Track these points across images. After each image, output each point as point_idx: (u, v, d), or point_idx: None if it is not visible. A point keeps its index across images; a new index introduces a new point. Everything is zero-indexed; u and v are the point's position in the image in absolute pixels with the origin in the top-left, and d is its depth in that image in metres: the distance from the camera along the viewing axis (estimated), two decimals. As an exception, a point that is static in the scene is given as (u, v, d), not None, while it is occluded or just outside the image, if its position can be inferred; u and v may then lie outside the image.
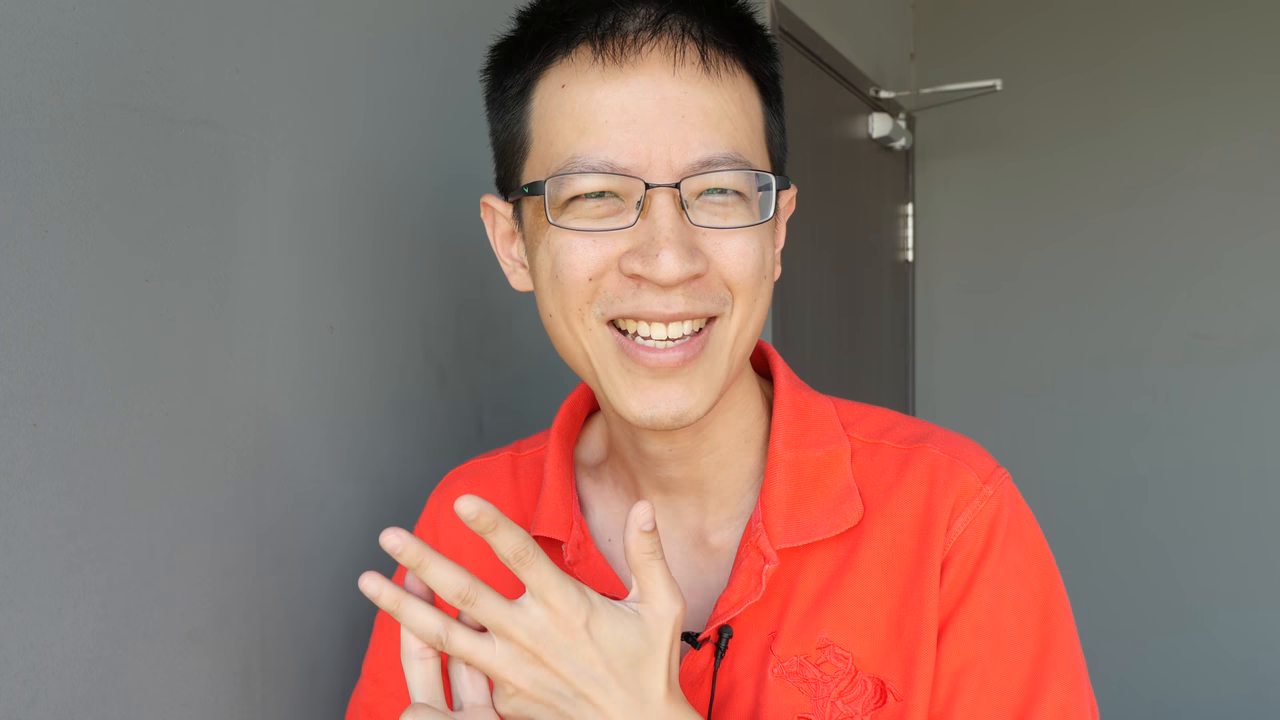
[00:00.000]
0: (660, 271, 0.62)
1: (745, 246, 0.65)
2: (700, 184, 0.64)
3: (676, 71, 0.64)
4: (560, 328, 0.68)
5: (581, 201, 0.64)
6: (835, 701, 0.69)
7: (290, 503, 0.88)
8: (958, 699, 0.67)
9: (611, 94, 0.64)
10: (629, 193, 0.64)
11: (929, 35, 2.87)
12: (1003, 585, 0.69)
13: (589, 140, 0.64)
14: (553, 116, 0.66)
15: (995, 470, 0.72)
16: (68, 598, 0.70)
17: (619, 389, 0.66)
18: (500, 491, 0.82)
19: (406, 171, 1.01)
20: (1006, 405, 2.80)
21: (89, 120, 0.71)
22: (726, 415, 0.74)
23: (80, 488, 0.70)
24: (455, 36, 1.08)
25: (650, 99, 0.64)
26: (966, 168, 2.84)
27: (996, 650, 0.68)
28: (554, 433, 0.80)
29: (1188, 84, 2.59)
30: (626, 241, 0.64)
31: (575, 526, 0.75)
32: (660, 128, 0.63)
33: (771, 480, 0.72)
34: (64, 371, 0.69)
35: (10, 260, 0.66)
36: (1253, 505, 2.55)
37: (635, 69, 0.64)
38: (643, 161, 0.63)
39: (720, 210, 0.65)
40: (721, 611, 0.70)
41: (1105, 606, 2.61)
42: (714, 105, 0.65)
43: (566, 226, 0.65)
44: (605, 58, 0.64)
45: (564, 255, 0.65)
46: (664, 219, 0.63)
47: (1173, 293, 2.62)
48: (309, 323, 0.90)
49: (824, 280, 2.25)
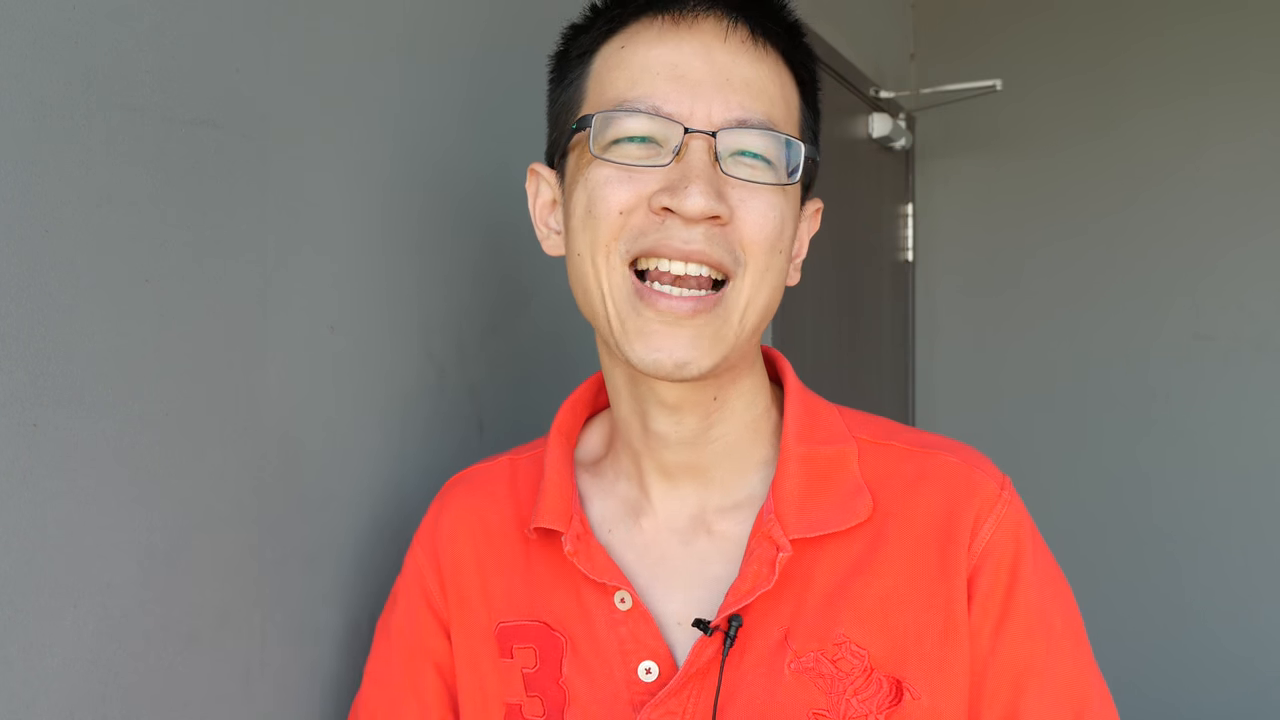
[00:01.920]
0: (687, 203, 0.66)
1: (767, 210, 0.70)
2: (735, 140, 0.69)
3: (728, 39, 0.71)
4: (585, 265, 0.71)
5: (624, 145, 0.70)
6: (850, 699, 0.69)
7: (290, 502, 0.88)
8: (1023, 700, 0.70)
9: (666, 52, 0.70)
10: (668, 139, 0.69)
11: (929, 35, 2.87)
12: (1043, 587, 0.72)
13: (639, 87, 0.70)
14: (610, 70, 0.72)
15: (1004, 477, 0.75)
16: (68, 598, 0.70)
17: (629, 331, 0.69)
18: (496, 495, 0.83)
19: (407, 171, 1.01)
20: (1007, 405, 2.80)
21: (89, 120, 0.71)
22: (735, 404, 0.75)
23: (80, 488, 0.70)
24: (457, 36, 1.08)
25: (700, 59, 0.70)
26: (966, 168, 2.84)
27: (1050, 649, 0.71)
28: (554, 430, 0.81)
29: (1189, 84, 2.59)
30: (660, 180, 0.68)
31: (575, 518, 0.75)
32: (706, 85, 0.69)
33: (784, 473, 0.74)
34: (64, 371, 0.69)
35: (10, 260, 0.66)
36: (1254, 505, 2.55)
37: (690, 31, 0.71)
38: (685, 110, 0.69)
39: (750, 170, 0.70)
40: (733, 600, 0.70)
41: (1107, 607, 2.60)
42: (755, 77, 0.71)
43: (608, 160, 0.69)
44: (664, 18, 0.71)
45: (600, 190, 0.70)
46: (697, 160, 0.68)
47: (1174, 293, 2.62)
48: (309, 323, 0.90)
49: (824, 280, 2.25)
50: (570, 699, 0.74)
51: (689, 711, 0.70)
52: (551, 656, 0.75)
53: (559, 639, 0.75)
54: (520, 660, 0.77)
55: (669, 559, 0.76)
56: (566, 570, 0.76)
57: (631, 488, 0.79)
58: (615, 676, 0.73)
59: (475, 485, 0.85)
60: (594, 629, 0.74)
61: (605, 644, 0.74)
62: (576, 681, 0.74)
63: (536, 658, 0.76)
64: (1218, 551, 2.57)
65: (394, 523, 0.99)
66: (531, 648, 0.76)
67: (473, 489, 0.85)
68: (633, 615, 0.73)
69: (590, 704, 0.73)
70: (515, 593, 0.79)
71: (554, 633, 0.76)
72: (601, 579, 0.73)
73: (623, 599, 0.73)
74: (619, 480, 0.80)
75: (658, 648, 0.72)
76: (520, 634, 0.77)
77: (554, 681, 0.75)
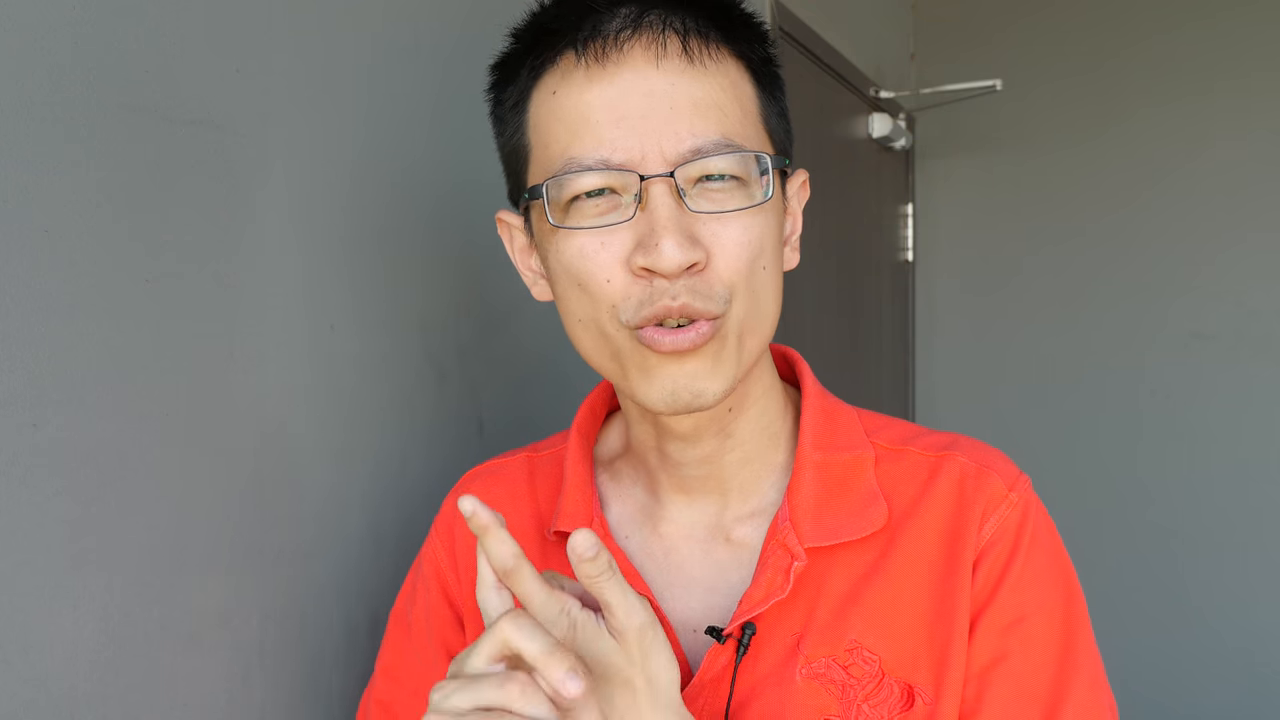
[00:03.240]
0: (662, 261, 0.63)
1: (742, 236, 0.66)
2: (696, 169, 0.65)
3: (660, 64, 0.65)
4: (590, 332, 0.69)
5: (582, 202, 0.66)
6: (862, 704, 0.69)
7: (290, 502, 0.88)
8: (986, 695, 0.69)
9: (599, 93, 0.65)
10: (626, 187, 0.65)
11: (929, 35, 2.87)
12: (1029, 586, 0.71)
13: (582, 140, 0.65)
14: (547, 123, 0.68)
15: (1019, 477, 0.74)
16: (68, 598, 0.70)
17: (644, 373, 0.67)
18: (516, 492, 0.83)
19: (407, 171, 1.01)
20: (1007, 405, 2.80)
21: (89, 120, 0.71)
22: (749, 413, 0.75)
23: (80, 488, 0.70)
24: (458, 37, 1.08)
25: (637, 93, 0.65)
26: (966, 168, 2.84)
27: (1025, 649, 0.70)
28: (574, 431, 0.80)
29: (1189, 84, 2.59)
30: (630, 237, 0.65)
31: (596, 522, 0.75)
32: (650, 120, 0.64)
33: (800, 480, 0.73)
34: (64, 371, 0.69)
35: (10, 260, 0.66)
36: (1253, 504, 2.55)
37: (619, 66, 0.65)
38: (636, 155, 0.64)
39: (718, 197, 0.66)
40: (746, 608, 0.70)
41: (1107, 605, 2.60)
42: (701, 94, 0.66)
43: (571, 227, 0.66)
44: (589, 59, 0.66)
45: (579, 263, 0.66)
46: (661, 208, 0.64)
47: (1172, 292, 2.62)
48: (309, 322, 0.90)
49: (824, 280, 2.25)
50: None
51: (701, 716, 0.70)
52: None
53: None
54: None
55: (686, 566, 0.75)
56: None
57: (649, 495, 0.78)
58: None
59: (496, 480, 0.84)
60: None
61: None
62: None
63: None
64: (1215, 549, 2.57)
65: (394, 522, 0.99)
66: None
67: (494, 483, 0.84)
68: None
69: None
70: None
71: None
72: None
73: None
74: (636, 485, 0.79)
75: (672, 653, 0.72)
76: None
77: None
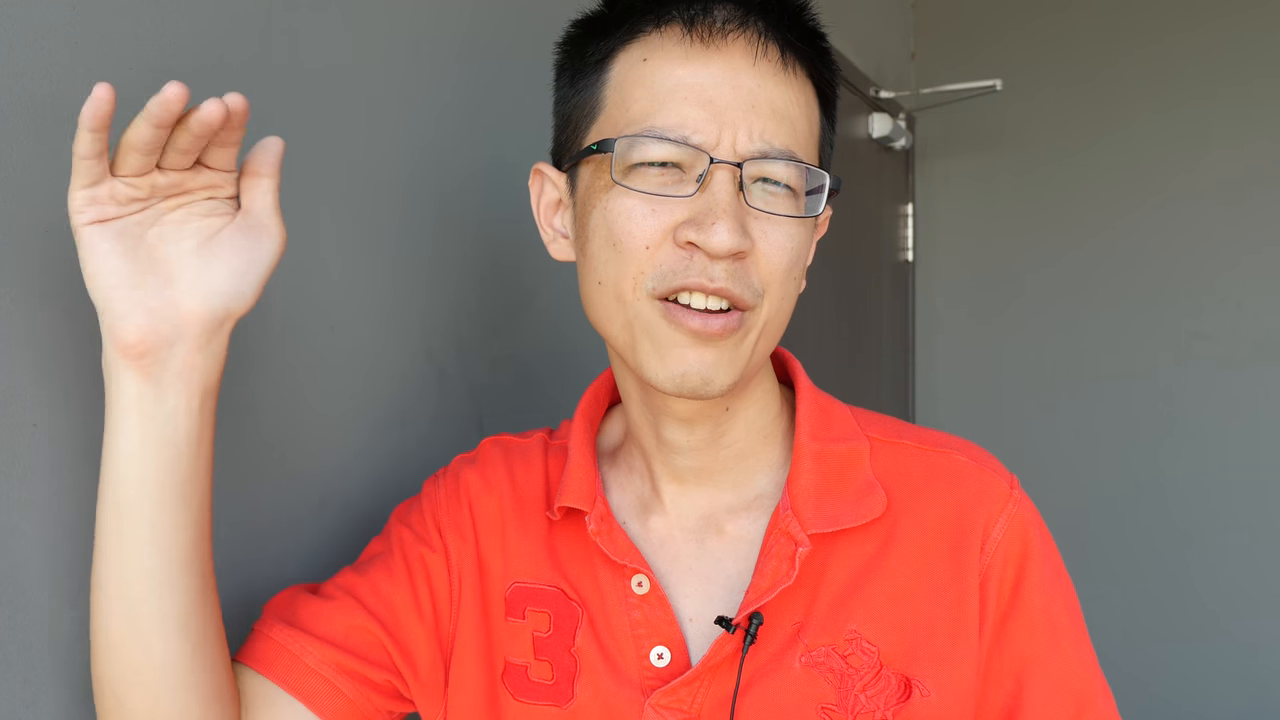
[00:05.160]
0: (714, 240, 0.65)
1: (787, 241, 0.69)
2: (759, 170, 0.68)
3: (757, 64, 0.69)
4: (608, 297, 0.70)
5: (645, 169, 0.68)
6: (859, 694, 0.70)
7: (290, 502, 0.88)
8: (1026, 695, 0.71)
9: (693, 74, 0.68)
10: (692, 165, 0.68)
11: (929, 35, 2.87)
12: (1048, 583, 0.73)
13: (666, 112, 0.68)
14: (631, 85, 0.70)
15: (1012, 476, 0.77)
16: (68, 598, 0.70)
17: (658, 349, 0.69)
18: (532, 466, 0.84)
19: (407, 171, 1.01)
20: (1007, 405, 2.80)
21: (89, 120, 0.70)
22: (747, 411, 0.77)
23: (80, 488, 0.70)
24: (461, 38, 1.08)
25: (727, 84, 0.68)
26: (966, 168, 2.84)
27: (1054, 645, 0.72)
28: (578, 415, 0.82)
29: (1189, 85, 2.59)
30: (683, 212, 0.67)
31: (599, 500, 0.77)
32: (732, 112, 0.68)
33: (799, 470, 0.75)
34: (64, 371, 0.69)
35: (10, 260, 0.66)
36: (1254, 504, 2.55)
37: (719, 54, 0.69)
38: (711, 140, 0.67)
39: (772, 200, 0.69)
40: (754, 597, 0.71)
41: (1109, 606, 2.61)
42: (782, 103, 0.69)
43: (630, 187, 0.68)
44: (694, 37, 0.69)
45: (623, 223, 0.68)
46: (723, 193, 0.67)
47: (1172, 293, 2.62)
48: (309, 322, 0.90)
49: (824, 280, 2.25)
50: (582, 669, 0.75)
51: (699, 702, 0.71)
52: (566, 624, 0.76)
53: (575, 608, 0.76)
54: (532, 623, 0.77)
55: (682, 557, 0.77)
56: (586, 551, 0.77)
57: (644, 485, 0.80)
58: (627, 656, 0.74)
59: (513, 451, 0.86)
60: (608, 609, 0.75)
61: (618, 625, 0.75)
62: (590, 652, 0.75)
63: (551, 623, 0.77)
64: (1216, 549, 2.57)
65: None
66: (546, 612, 0.77)
67: (510, 452, 0.85)
68: (649, 600, 0.74)
69: (603, 677, 0.74)
70: (536, 558, 0.79)
71: (571, 601, 0.77)
72: (622, 560, 0.74)
73: (640, 583, 0.74)
74: (633, 475, 0.81)
75: (672, 634, 0.73)
76: (536, 597, 0.78)
77: (566, 649, 0.76)
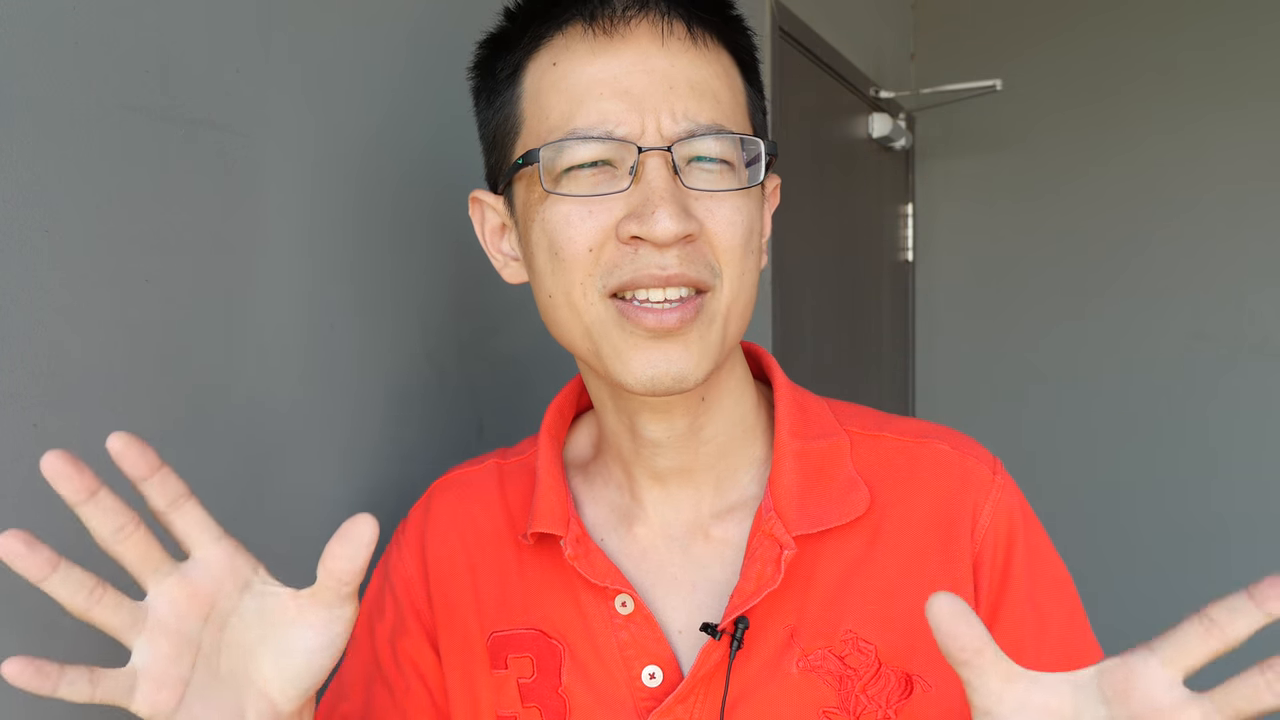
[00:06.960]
0: (657, 229, 0.64)
1: (734, 215, 0.67)
2: (690, 149, 0.66)
3: (665, 43, 0.67)
4: (560, 308, 0.69)
5: (576, 173, 0.66)
6: (860, 694, 0.69)
7: (290, 502, 0.88)
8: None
9: (603, 68, 0.67)
10: (622, 159, 0.66)
11: (929, 35, 2.87)
12: (1034, 568, 0.73)
13: (584, 111, 0.66)
14: (545, 93, 0.68)
15: (995, 460, 0.75)
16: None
17: (620, 354, 0.67)
18: (489, 501, 0.82)
19: (407, 171, 1.01)
20: (1006, 405, 2.80)
21: (89, 120, 0.71)
22: (723, 402, 0.74)
23: (80, 488, 0.70)
24: (457, 35, 1.08)
25: (640, 71, 0.66)
26: (966, 168, 2.84)
27: (1040, 631, 0.71)
28: (543, 433, 0.79)
29: (1190, 84, 2.59)
30: (622, 207, 0.66)
31: (573, 521, 0.74)
32: (651, 98, 0.66)
33: (780, 469, 0.73)
34: (64, 371, 0.69)
35: (10, 260, 0.66)
36: (1254, 505, 2.55)
37: (625, 41, 0.67)
38: (635, 129, 0.65)
39: (710, 178, 0.67)
40: (739, 602, 0.69)
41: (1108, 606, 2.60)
42: (699, 78, 0.68)
43: (563, 194, 0.66)
44: (597, 30, 0.67)
45: (562, 229, 0.67)
46: (658, 179, 0.65)
47: (1173, 293, 2.62)
48: (309, 322, 0.90)
49: (824, 281, 2.25)
50: (572, 707, 0.73)
51: (696, 716, 0.69)
52: (549, 665, 0.74)
53: (556, 647, 0.74)
54: (515, 670, 0.75)
55: (667, 566, 0.75)
56: (563, 576, 0.75)
57: (623, 495, 0.77)
58: (618, 681, 0.72)
59: (465, 489, 0.83)
60: (593, 634, 0.73)
61: (605, 649, 0.72)
62: (577, 689, 0.73)
63: (534, 667, 0.75)
64: (1217, 549, 2.57)
65: (394, 524, 0.99)
66: (528, 657, 0.75)
67: (463, 493, 0.83)
68: (635, 619, 0.72)
69: (594, 711, 0.72)
70: (509, 601, 0.77)
71: (551, 640, 0.74)
72: (602, 582, 0.72)
73: (624, 603, 0.72)
74: (609, 487, 0.78)
75: (661, 652, 0.71)
76: (515, 643, 0.76)
77: (553, 691, 0.74)
